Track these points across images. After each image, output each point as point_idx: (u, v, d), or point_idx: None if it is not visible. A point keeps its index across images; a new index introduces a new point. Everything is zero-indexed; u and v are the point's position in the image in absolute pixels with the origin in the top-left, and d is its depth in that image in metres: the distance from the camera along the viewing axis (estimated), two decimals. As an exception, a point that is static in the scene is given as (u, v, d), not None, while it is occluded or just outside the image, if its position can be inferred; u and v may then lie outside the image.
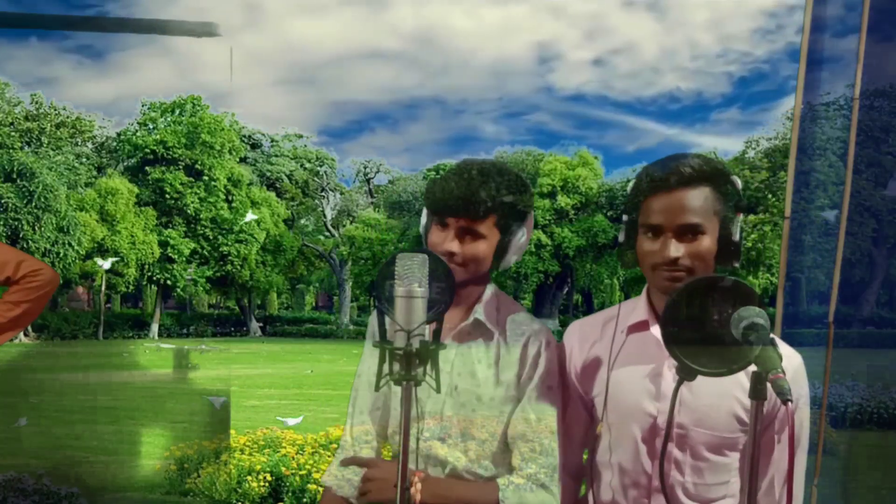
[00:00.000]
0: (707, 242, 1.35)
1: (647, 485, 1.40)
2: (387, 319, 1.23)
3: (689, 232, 1.35)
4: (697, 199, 1.35)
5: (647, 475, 1.40)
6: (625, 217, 1.44)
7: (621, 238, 1.44)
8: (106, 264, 26.50)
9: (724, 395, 1.36)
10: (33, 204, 24.60)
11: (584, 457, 1.58)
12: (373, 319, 1.57)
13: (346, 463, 1.53)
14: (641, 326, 1.44)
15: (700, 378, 1.34)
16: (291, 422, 5.65)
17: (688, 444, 1.38)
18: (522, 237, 1.50)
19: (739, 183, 1.39)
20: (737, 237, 1.37)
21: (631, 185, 1.43)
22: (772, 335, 1.43)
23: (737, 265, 1.39)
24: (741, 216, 1.39)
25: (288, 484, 4.75)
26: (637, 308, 1.47)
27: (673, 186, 1.35)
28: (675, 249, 1.34)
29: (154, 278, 30.38)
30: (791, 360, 1.39)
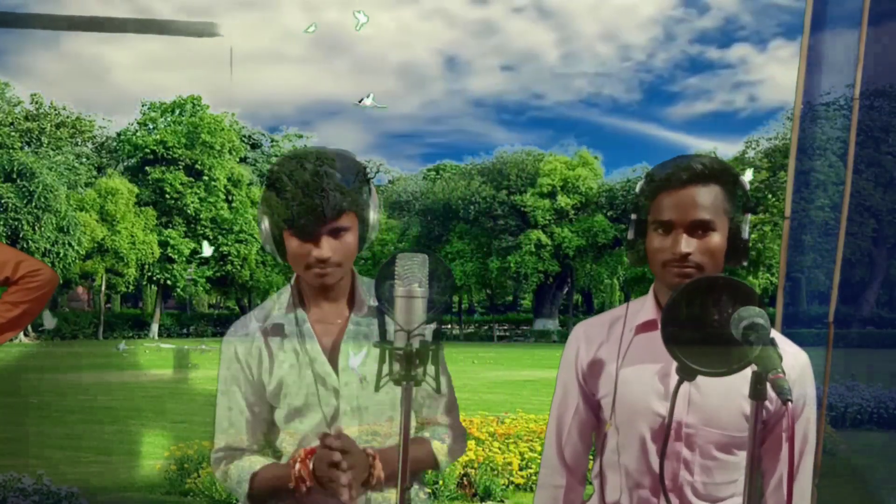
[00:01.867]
0: (717, 239, 1.36)
1: (656, 485, 1.40)
2: (387, 319, 1.23)
3: (699, 228, 1.35)
4: (708, 196, 1.36)
5: (655, 475, 1.39)
6: (633, 216, 1.44)
7: (630, 236, 1.44)
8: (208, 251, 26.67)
9: (731, 394, 1.36)
10: (33, 204, 24.62)
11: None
12: (228, 340, 1.54)
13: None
14: (650, 326, 1.44)
15: (707, 378, 1.34)
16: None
17: (697, 444, 1.38)
18: (374, 211, 1.51)
19: (748, 184, 1.41)
20: (745, 236, 1.38)
21: (639, 184, 1.44)
22: (776, 333, 1.43)
23: (745, 264, 1.41)
24: (749, 216, 1.40)
25: (288, 484, 4.75)
26: (645, 307, 1.47)
27: (684, 183, 1.36)
28: (687, 245, 1.35)
29: (154, 278, 30.40)
30: (797, 357, 1.40)
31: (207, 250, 26.36)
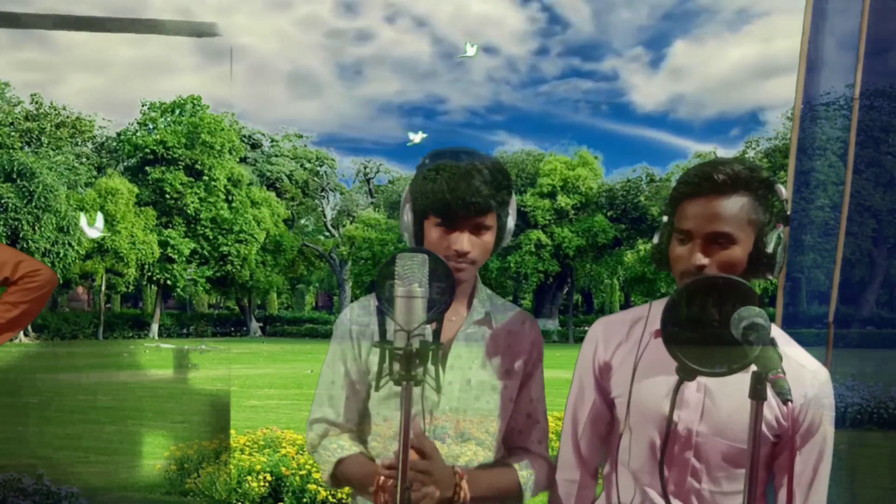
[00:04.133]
0: (738, 252, 1.32)
1: (663, 489, 1.40)
2: (387, 319, 1.23)
3: (718, 240, 1.32)
4: (731, 207, 1.32)
5: (664, 479, 1.39)
6: (664, 218, 1.42)
7: (655, 239, 1.42)
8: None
9: (745, 406, 1.35)
10: (33, 204, 24.60)
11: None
12: (346, 317, 1.58)
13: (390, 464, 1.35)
14: None
15: (721, 388, 1.32)
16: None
17: (706, 453, 1.37)
18: (512, 219, 1.52)
19: (784, 192, 1.35)
20: (771, 249, 1.33)
21: (672, 186, 1.42)
22: (799, 347, 1.41)
23: (770, 278, 1.36)
24: (781, 227, 1.35)
25: (288, 484, 4.75)
26: None
27: (706, 193, 1.33)
28: (702, 257, 1.32)
29: (154, 278, 30.38)
30: (817, 375, 1.37)
31: (417, 137, 24.84)
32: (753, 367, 1.08)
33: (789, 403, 1.01)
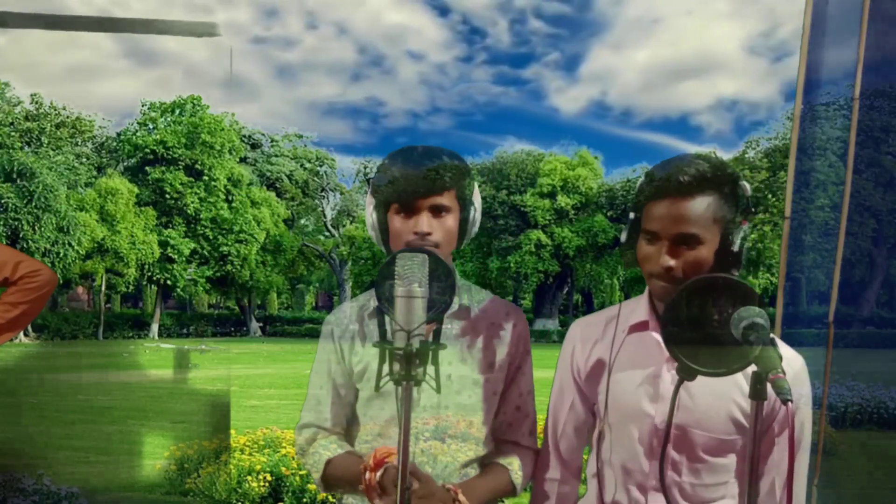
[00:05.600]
0: (704, 252, 1.32)
1: (645, 484, 1.41)
2: (387, 319, 1.23)
3: (685, 241, 1.32)
4: (697, 207, 1.31)
5: (645, 475, 1.40)
6: (631, 215, 1.41)
7: (623, 238, 1.42)
8: None
9: (722, 398, 1.36)
10: (33, 204, 24.60)
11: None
12: (329, 320, 1.59)
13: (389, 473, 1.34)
14: (641, 327, 1.43)
15: (698, 380, 1.33)
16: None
17: (685, 446, 1.38)
18: (476, 211, 1.52)
19: (748, 188, 1.35)
20: (736, 247, 1.33)
21: (638, 184, 1.41)
22: (773, 337, 1.42)
23: (736, 273, 1.35)
24: (747, 224, 1.35)
25: (288, 484, 4.75)
26: (638, 308, 1.46)
27: (671, 194, 1.32)
28: (669, 259, 1.32)
29: (154, 278, 30.39)
30: (793, 363, 1.38)
31: None
32: (753, 367, 1.08)
33: (789, 404, 1.01)
